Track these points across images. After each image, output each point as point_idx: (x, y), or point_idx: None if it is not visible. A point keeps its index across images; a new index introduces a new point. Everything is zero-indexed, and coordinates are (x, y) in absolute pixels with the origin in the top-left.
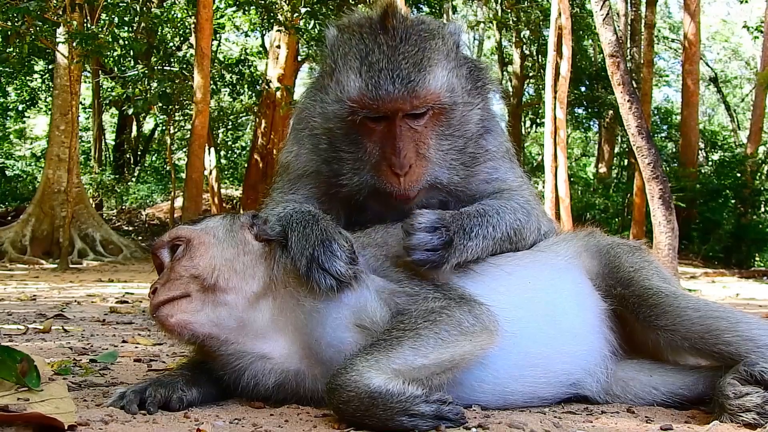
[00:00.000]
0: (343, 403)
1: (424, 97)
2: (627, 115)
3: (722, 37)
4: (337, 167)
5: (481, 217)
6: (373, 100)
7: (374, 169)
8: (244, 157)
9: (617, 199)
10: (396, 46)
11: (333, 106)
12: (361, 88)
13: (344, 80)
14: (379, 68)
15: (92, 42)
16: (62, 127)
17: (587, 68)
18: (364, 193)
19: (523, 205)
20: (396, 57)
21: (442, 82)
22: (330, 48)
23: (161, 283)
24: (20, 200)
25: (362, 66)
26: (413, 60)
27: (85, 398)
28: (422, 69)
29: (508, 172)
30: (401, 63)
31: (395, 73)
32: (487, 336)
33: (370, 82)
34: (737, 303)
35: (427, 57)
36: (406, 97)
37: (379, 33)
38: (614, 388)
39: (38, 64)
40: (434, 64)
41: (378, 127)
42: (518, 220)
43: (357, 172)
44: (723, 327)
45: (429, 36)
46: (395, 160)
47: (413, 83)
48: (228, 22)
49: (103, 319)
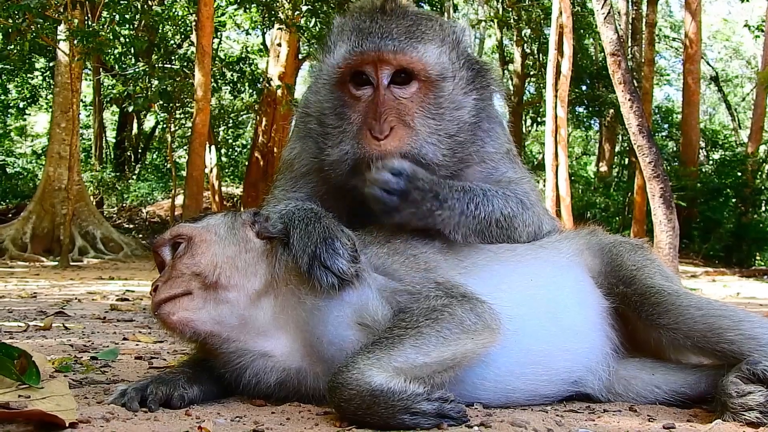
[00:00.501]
0: (345, 402)
1: (410, 57)
2: (628, 113)
3: (723, 36)
4: (322, 145)
5: (463, 192)
6: (357, 55)
7: (356, 137)
8: (244, 155)
9: (618, 198)
10: (391, 21)
11: (324, 77)
12: (347, 50)
13: (335, 50)
14: (369, 32)
15: (93, 39)
16: (63, 125)
17: (588, 67)
18: (346, 166)
19: (520, 197)
20: (389, 26)
21: (432, 55)
22: (331, 32)
23: (163, 280)
24: (21, 198)
25: (352, 34)
26: (406, 30)
27: (86, 395)
28: (412, 37)
29: (509, 170)
30: (392, 29)
31: (385, 34)
32: (489, 334)
33: (357, 42)
34: (738, 302)
35: (421, 31)
36: (391, 53)
37: (377, 13)
38: (616, 387)
39: (39, 62)
40: (427, 39)
41: (364, 95)
42: (510, 209)
43: (339, 143)
44: (725, 325)
45: (426, 19)
46: (375, 124)
47: (402, 43)
48: (229, 19)
49: (104, 316)
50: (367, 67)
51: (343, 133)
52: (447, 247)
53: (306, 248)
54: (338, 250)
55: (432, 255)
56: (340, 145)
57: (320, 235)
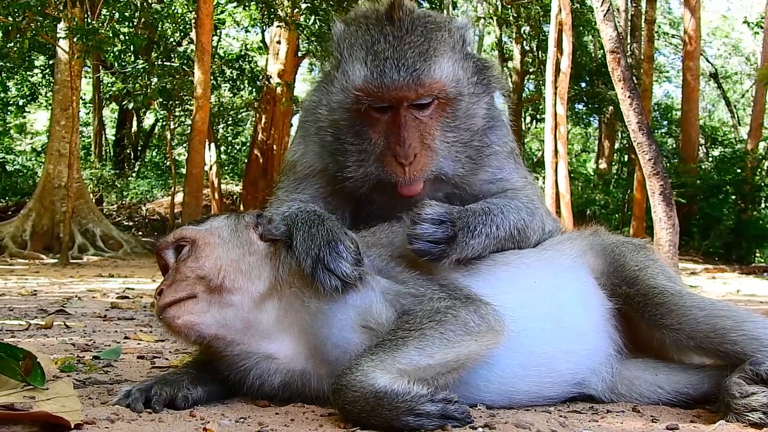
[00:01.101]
0: (349, 404)
1: (429, 85)
2: (627, 111)
3: (722, 33)
4: (341, 159)
5: (485, 215)
6: (377, 88)
7: (379, 160)
8: (244, 153)
9: (617, 195)
10: (402, 36)
11: (338, 96)
12: (366, 77)
13: (350, 70)
14: (385, 57)
15: (93, 37)
16: (63, 122)
17: (587, 64)
18: (369, 185)
19: (527, 205)
20: (401, 46)
21: (448, 72)
22: (336, 42)
23: (167, 284)
24: (21, 195)
25: (367, 55)
26: (419, 50)
27: (90, 396)
28: (427, 58)
29: (513, 172)
30: (406, 52)
31: (400, 61)
32: (492, 336)
33: (375, 70)
34: (738, 299)
35: (433, 47)
36: (411, 86)
37: (385, 24)
38: (619, 387)
39: (39, 60)
40: (440, 54)
41: (383, 117)
42: (522, 220)
43: (362, 164)
44: (728, 326)
45: (435, 28)
46: (400, 149)
47: (418, 71)
48: (228, 17)
49: (105, 314)
50: (387, 98)
51: (365, 153)
52: None
53: (309, 251)
54: (342, 253)
55: None
56: (363, 166)
57: (323, 237)
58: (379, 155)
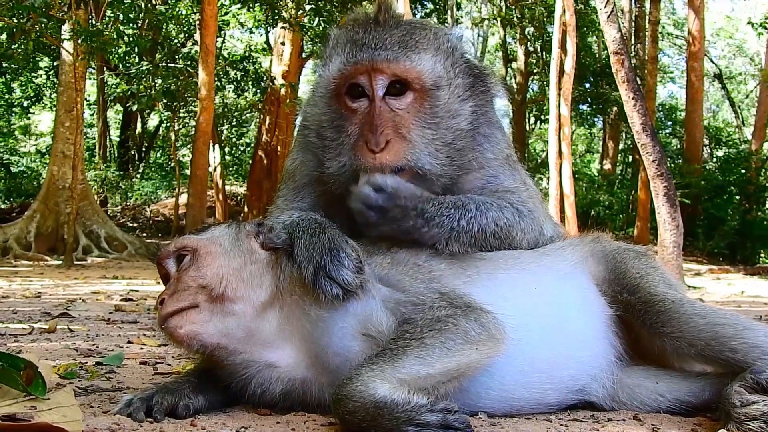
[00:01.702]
0: (349, 414)
1: (403, 66)
2: (631, 111)
3: (726, 34)
4: (321, 155)
5: (455, 208)
6: (352, 66)
7: (352, 149)
8: (248, 154)
9: (622, 196)
10: (384, 31)
11: (320, 90)
12: (342, 62)
13: (331, 64)
14: (363, 43)
15: (97, 39)
16: (67, 124)
17: (591, 65)
18: (345, 179)
19: (516, 205)
20: (382, 36)
21: (426, 65)
22: (326, 45)
23: (169, 293)
24: (25, 197)
25: (346, 46)
26: (399, 40)
27: (91, 404)
28: (406, 47)
29: (507, 178)
30: (386, 39)
31: (378, 44)
32: (493, 344)
33: (351, 53)
34: (742, 300)
35: (414, 40)
36: (384, 62)
37: (371, 24)
38: (620, 395)
39: (43, 61)
40: (420, 48)
41: (360, 107)
42: (504, 218)
43: (337, 156)
44: (729, 334)
45: (420, 27)
46: (371, 136)
47: (394, 52)
48: (232, 18)
49: (108, 317)
50: (361, 78)
51: (341, 146)
52: (450, 256)
53: (311, 259)
54: (343, 261)
55: (435, 265)
56: (338, 158)
57: (325, 245)
58: (353, 144)
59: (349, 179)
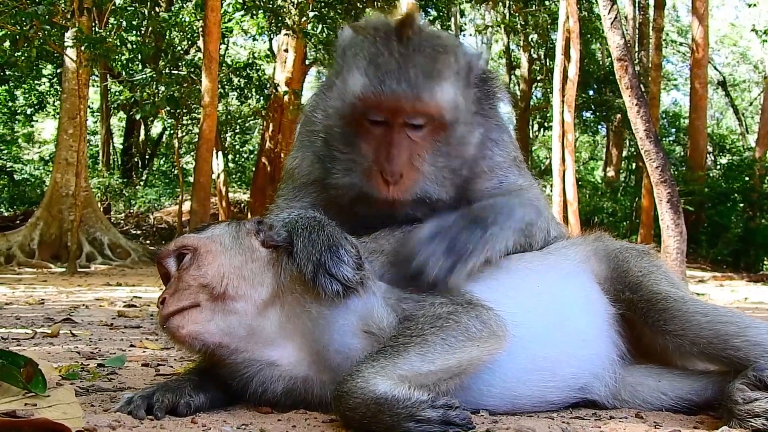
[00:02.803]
0: (350, 410)
1: (427, 104)
2: (635, 118)
3: (730, 41)
4: (329, 166)
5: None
6: (376, 97)
7: (365, 173)
8: (252, 161)
9: (625, 203)
10: (407, 54)
11: (335, 102)
12: (366, 86)
13: (350, 78)
14: (387, 69)
15: (100, 46)
16: (70, 131)
17: (595, 72)
18: (352, 195)
19: (533, 203)
20: (406, 63)
21: (448, 97)
22: (341, 48)
23: (170, 293)
24: (28, 204)
25: (369, 66)
26: (423, 69)
27: (92, 403)
28: (431, 78)
29: (519, 178)
30: (410, 68)
31: (402, 75)
32: (495, 341)
33: (376, 80)
34: (746, 307)
35: (438, 69)
36: (410, 101)
37: (393, 40)
38: (622, 393)
39: (46, 68)
40: (444, 78)
41: (376, 130)
42: (529, 215)
43: (348, 173)
44: (732, 332)
45: (443, 51)
46: (387, 166)
47: (419, 89)
48: (236, 25)
49: (111, 323)
50: (383, 111)
51: (353, 163)
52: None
53: (311, 256)
54: (343, 258)
55: None
56: (349, 176)
57: (324, 242)
58: (366, 168)
59: (355, 196)
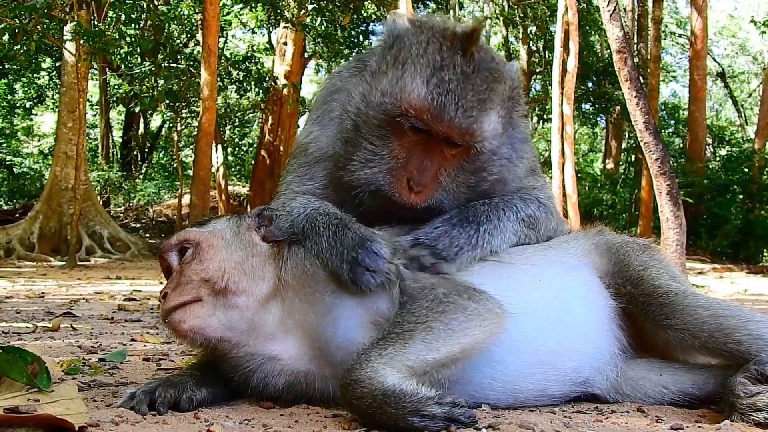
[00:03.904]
0: (357, 399)
1: (474, 135)
2: (634, 110)
3: (729, 33)
4: (351, 150)
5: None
6: (430, 112)
7: (390, 173)
8: (251, 154)
9: (625, 195)
10: (468, 74)
11: (382, 97)
12: (423, 97)
13: (408, 81)
14: (448, 89)
15: (99, 39)
16: (70, 125)
17: (594, 64)
18: (368, 188)
19: (542, 200)
20: (465, 85)
21: (493, 128)
22: (399, 39)
23: (171, 287)
24: (28, 197)
25: (432, 77)
26: (478, 97)
27: (94, 398)
28: (484, 109)
29: (532, 181)
30: (468, 93)
31: (461, 101)
32: (494, 318)
33: (437, 99)
34: (746, 299)
35: (491, 99)
36: (462, 130)
37: (458, 53)
38: (624, 387)
39: (45, 62)
40: (493, 108)
41: (414, 136)
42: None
43: (371, 167)
44: (733, 326)
45: (497, 78)
46: (417, 175)
47: (472, 119)
48: (235, 19)
49: (112, 317)
50: (432, 130)
51: (380, 159)
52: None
53: (344, 255)
54: (379, 251)
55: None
56: (372, 170)
57: (354, 240)
58: (392, 168)
59: (371, 190)
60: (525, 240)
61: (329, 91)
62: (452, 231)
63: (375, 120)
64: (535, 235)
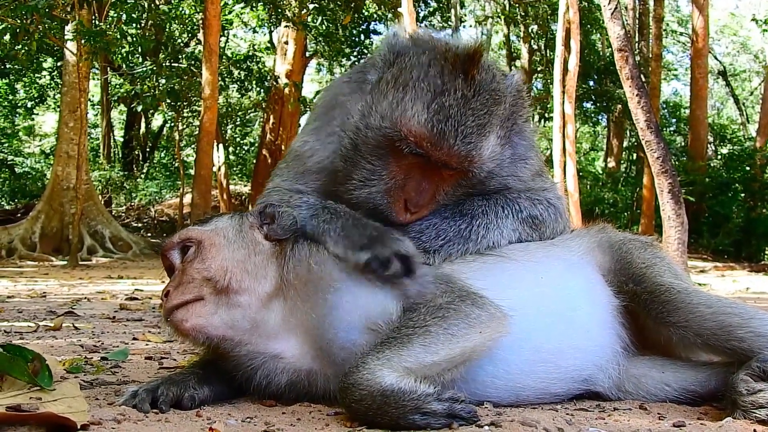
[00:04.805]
0: (356, 402)
1: (472, 161)
2: (636, 109)
3: (731, 31)
4: (351, 170)
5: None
6: (431, 144)
7: (387, 193)
8: (252, 153)
9: (626, 194)
10: (469, 99)
11: (384, 122)
12: (425, 126)
13: (409, 106)
14: (448, 115)
15: (100, 39)
16: (71, 124)
17: (595, 62)
18: (365, 206)
19: (551, 200)
20: (465, 111)
21: (490, 152)
22: (400, 56)
23: (173, 285)
24: (30, 197)
25: (433, 103)
26: (479, 121)
27: (96, 397)
28: (483, 134)
29: (539, 183)
30: (468, 119)
31: (461, 127)
32: (495, 324)
33: (437, 126)
34: (747, 297)
35: (490, 123)
36: (460, 157)
37: (459, 76)
38: (626, 385)
39: (47, 62)
40: (492, 130)
41: (412, 158)
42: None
43: (368, 186)
44: (735, 323)
45: (498, 98)
46: (414, 198)
47: (471, 146)
48: (236, 18)
49: (113, 316)
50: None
51: (379, 180)
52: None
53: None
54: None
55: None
56: (368, 188)
57: (371, 232)
58: (389, 188)
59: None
60: (527, 239)
61: (329, 104)
62: (441, 224)
63: (374, 141)
64: (539, 235)
